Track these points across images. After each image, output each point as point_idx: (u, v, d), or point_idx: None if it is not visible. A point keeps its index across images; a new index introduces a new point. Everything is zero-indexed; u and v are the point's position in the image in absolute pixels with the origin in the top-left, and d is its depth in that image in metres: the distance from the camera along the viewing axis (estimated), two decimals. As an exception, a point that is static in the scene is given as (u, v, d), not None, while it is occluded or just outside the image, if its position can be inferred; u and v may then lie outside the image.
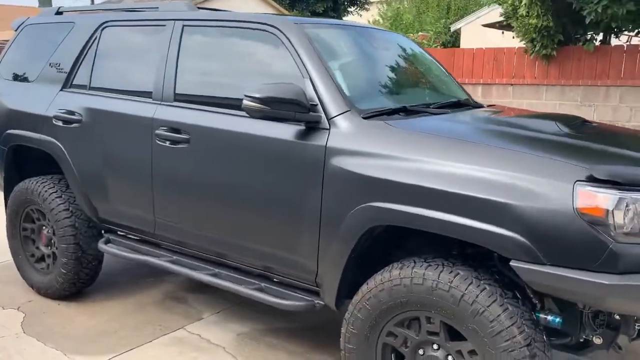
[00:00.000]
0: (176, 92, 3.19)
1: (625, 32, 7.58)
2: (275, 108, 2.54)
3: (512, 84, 7.84)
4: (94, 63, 3.67)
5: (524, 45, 7.77)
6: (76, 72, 3.75)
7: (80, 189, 3.65)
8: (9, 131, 3.99)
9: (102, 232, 3.83)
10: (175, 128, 3.10)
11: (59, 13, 4.17)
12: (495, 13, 14.44)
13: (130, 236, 3.74)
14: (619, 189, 1.99)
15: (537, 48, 7.35)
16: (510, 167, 2.15)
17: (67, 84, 3.78)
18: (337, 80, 2.72)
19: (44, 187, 3.82)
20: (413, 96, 3.25)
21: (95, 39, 3.70)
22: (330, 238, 2.57)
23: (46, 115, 3.76)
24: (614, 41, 8.10)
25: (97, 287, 4.10)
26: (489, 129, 2.74)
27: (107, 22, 3.68)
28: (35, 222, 4.04)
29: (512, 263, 2.08)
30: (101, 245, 3.67)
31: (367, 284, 2.47)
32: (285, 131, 2.70)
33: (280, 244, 2.80)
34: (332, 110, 2.62)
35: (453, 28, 19.35)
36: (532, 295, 2.35)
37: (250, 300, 3.35)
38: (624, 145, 2.54)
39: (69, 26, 3.93)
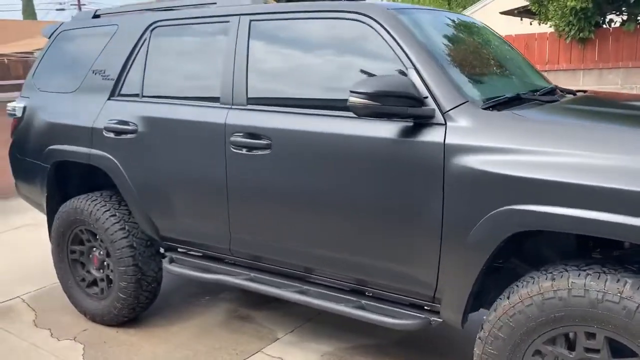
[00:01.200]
0: (249, 94, 2.88)
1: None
2: (385, 104, 2.24)
3: (546, 70, 7.57)
4: (145, 68, 3.36)
5: (554, 30, 7.51)
6: (125, 78, 3.44)
7: (138, 205, 3.34)
8: (51, 147, 3.67)
9: (162, 250, 3.53)
10: (253, 133, 2.79)
11: (96, 16, 3.86)
12: (501, 0, 14.19)
13: (193, 253, 3.44)
14: None
15: (573, 32, 7.07)
16: (686, 156, 1.86)
17: (116, 92, 3.46)
18: (445, 69, 2.42)
19: (95, 205, 3.51)
20: (512, 84, 2.95)
21: (145, 41, 3.39)
22: (456, 247, 2.27)
23: (94, 127, 3.44)
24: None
25: (153, 311, 3.79)
26: (630, 115, 2.44)
27: (156, 22, 3.37)
28: (84, 244, 3.73)
29: None
30: (167, 266, 3.36)
31: (508, 297, 2.17)
32: (390, 130, 2.40)
33: (387, 256, 2.50)
34: (447, 103, 2.32)
35: (457, 18, 19.06)
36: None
37: (325, 315, 3.07)
38: None
39: (112, 29, 3.62)
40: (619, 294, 1.92)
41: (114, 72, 3.48)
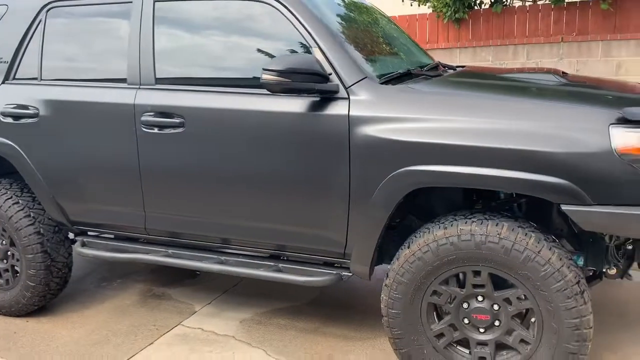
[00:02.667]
0: (157, 74, 2.95)
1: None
2: (295, 80, 2.45)
3: (427, 49, 8.12)
4: (42, 50, 3.27)
5: (434, 11, 8.07)
6: (20, 61, 3.33)
7: (44, 191, 3.29)
8: (-61, 135, 3.46)
9: (71, 236, 3.50)
10: (165, 112, 2.87)
11: (-20, -4, 3.65)
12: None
13: (105, 236, 3.46)
14: (649, 128, 2.16)
15: (449, 13, 7.67)
16: (545, 118, 2.26)
17: (10, 75, 3.35)
18: (346, 48, 2.66)
19: (-5, 194, 3.39)
20: (402, 61, 3.27)
21: (40, 22, 3.30)
22: (362, 208, 2.55)
23: (-11, 113, 3.31)
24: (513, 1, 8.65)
25: (64, 298, 3.74)
26: (500, 85, 2.84)
27: (52, 2, 3.28)
28: (-17, 236, 3.58)
29: (564, 207, 2.20)
30: (79, 249, 3.34)
31: (408, 247, 2.49)
32: (299, 104, 2.61)
33: (301, 221, 2.73)
34: (349, 78, 2.57)
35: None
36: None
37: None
38: (615, 89, 2.76)
39: (0, 10, 3.46)
40: (498, 236, 2.30)
41: (7, 55, 3.36)
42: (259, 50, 2.80)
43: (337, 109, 2.54)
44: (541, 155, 2.19)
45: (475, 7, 7.93)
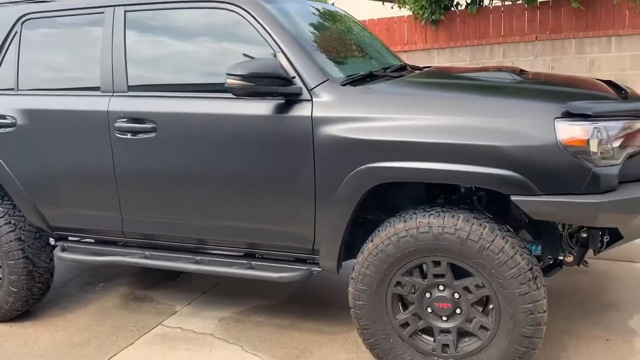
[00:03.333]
0: (129, 82, 3.05)
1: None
2: (259, 84, 2.56)
3: (405, 51, 8.29)
4: (18, 61, 3.36)
5: (412, 14, 8.24)
6: (-4, 72, 3.42)
7: (24, 198, 3.37)
8: None
9: (52, 241, 3.58)
10: (137, 118, 2.97)
11: (-44, 9, 3.74)
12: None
13: (85, 240, 3.54)
14: (591, 121, 2.29)
15: (426, 14, 7.82)
16: (495, 114, 2.39)
17: (-13, 86, 3.43)
18: (309, 52, 2.78)
19: (-25, 202, 3.48)
20: (368, 64, 3.39)
21: (16, 33, 3.39)
22: (327, 204, 2.66)
23: (-32, 123, 3.39)
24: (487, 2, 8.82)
25: (47, 303, 3.83)
26: (456, 84, 2.97)
27: (27, 14, 3.38)
28: (-35, 244, 3.66)
29: (513, 198, 2.32)
30: (59, 254, 3.43)
31: (372, 240, 2.60)
32: (265, 107, 2.72)
33: (271, 219, 2.84)
34: (311, 81, 2.68)
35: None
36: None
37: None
38: (570, 86, 2.90)
39: (-24, 22, 3.55)
40: (454, 227, 2.42)
41: (-17, 67, 3.44)
42: (226, 56, 2.90)
43: (300, 110, 2.66)
44: (491, 149, 2.32)
45: (452, 9, 8.10)
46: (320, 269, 2.87)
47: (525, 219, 2.71)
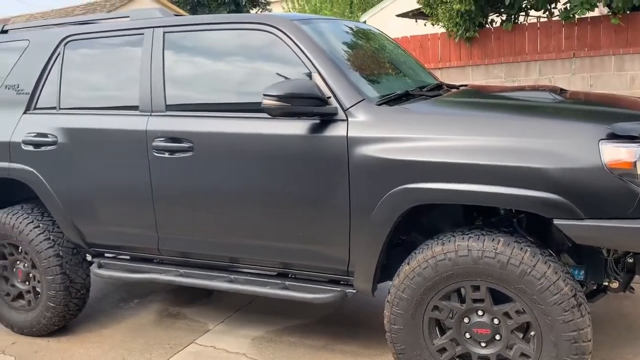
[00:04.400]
0: (167, 101, 3.09)
1: (533, 11, 8.20)
2: (294, 104, 2.56)
3: (439, 68, 8.24)
4: (61, 81, 3.45)
5: (446, 31, 8.19)
6: (40, 92, 3.52)
7: (63, 215, 3.44)
8: (-35, 163, 3.66)
9: (89, 257, 3.63)
10: (175, 137, 3.01)
11: (4, 32, 3.88)
12: (399, 3, 15.03)
13: (121, 257, 3.59)
14: (638, 143, 2.21)
15: (460, 32, 7.77)
16: (537, 135, 2.32)
17: (32, 105, 3.53)
18: (345, 72, 2.77)
19: (17, 218, 3.56)
20: (404, 83, 3.36)
21: (59, 54, 3.49)
22: (362, 225, 2.63)
23: (12, 141, 3.49)
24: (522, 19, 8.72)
25: (83, 318, 3.87)
26: (495, 104, 2.91)
27: (70, 36, 3.48)
28: (7, 258, 3.75)
29: (556, 222, 2.25)
30: (96, 271, 3.48)
31: (408, 264, 2.55)
32: (300, 127, 2.71)
33: (305, 239, 2.82)
34: (347, 101, 2.67)
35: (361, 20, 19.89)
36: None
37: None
38: (612, 105, 2.81)
39: (23, 44, 3.67)
40: (494, 251, 2.35)
41: (29, 87, 3.54)
42: (261, 76, 2.92)
43: (336, 130, 2.64)
44: (533, 171, 2.25)
45: (486, 26, 8.02)
46: (354, 291, 2.83)
47: (568, 243, 2.63)
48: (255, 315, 3.80)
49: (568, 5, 7.11)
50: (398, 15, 11.55)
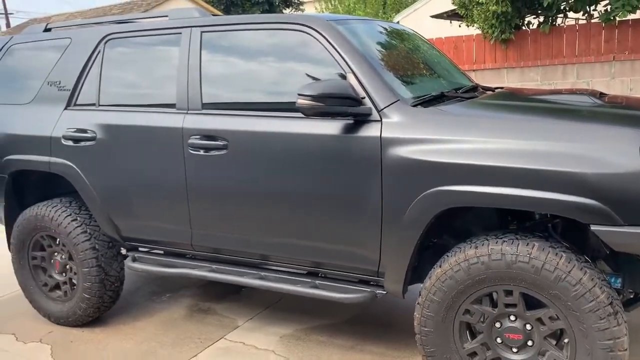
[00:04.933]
0: (203, 100, 3.14)
1: (572, 13, 8.04)
2: (328, 104, 2.57)
3: (474, 70, 8.15)
4: (100, 78, 3.54)
5: (481, 32, 8.09)
6: (80, 89, 3.61)
7: (100, 208, 3.53)
8: (8, 157, 3.79)
9: (123, 251, 3.72)
10: (210, 135, 3.05)
11: (47, 30, 4.00)
12: (433, 3, 14.91)
13: (155, 251, 3.66)
14: (679, 148, 2.14)
15: (495, 33, 7.67)
16: (575, 139, 2.28)
17: (72, 102, 3.63)
18: (379, 73, 2.77)
19: (56, 211, 3.66)
20: (439, 84, 3.34)
21: (99, 52, 3.58)
22: (394, 226, 2.62)
23: (53, 136, 3.60)
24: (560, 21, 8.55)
25: (117, 310, 3.97)
26: (532, 107, 2.87)
27: (110, 34, 3.56)
28: (45, 250, 3.86)
29: (593, 227, 2.21)
30: (130, 264, 3.55)
31: (440, 266, 2.54)
32: (334, 127, 2.72)
33: (336, 239, 2.82)
34: (381, 102, 2.67)
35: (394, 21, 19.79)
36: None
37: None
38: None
39: (65, 42, 3.78)
40: (528, 255, 2.32)
41: (70, 83, 3.65)
42: (296, 76, 2.94)
43: (369, 131, 2.64)
44: (570, 175, 2.21)
45: (523, 27, 7.89)
46: (384, 292, 2.83)
47: (605, 250, 2.57)
48: (284, 313, 3.82)
49: (608, 7, 6.94)
50: (432, 17, 11.48)
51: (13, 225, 3.89)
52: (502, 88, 3.73)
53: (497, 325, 2.50)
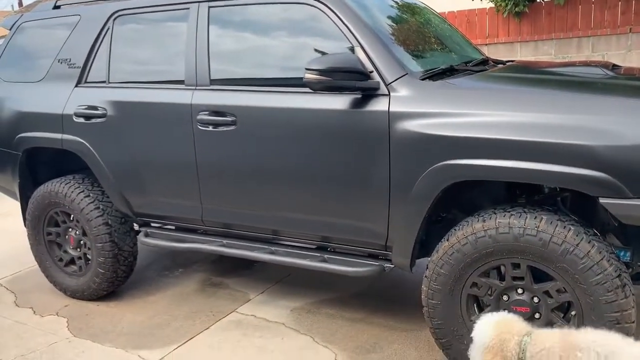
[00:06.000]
0: (212, 76, 3.14)
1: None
2: (336, 78, 2.56)
3: (486, 44, 8.03)
4: (110, 55, 3.56)
5: (494, 5, 7.96)
6: (90, 66, 3.63)
7: (112, 185, 3.57)
8: (22, 135, 3.83)
9: (136, 227, 3.77)
10: (218, 111, 3.06)
11: (56, 7, 4.00)
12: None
13: (167, 227, 3.70)
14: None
15: (509, 6, 7.53)
16: (585, 111, 2.26)
17: (82, 79, 3.65)
18: (388, 46, 2.75)
19: (69, 187, 3.71)
20: (448, 57, 3.31)
21: (108, 29, 3.58)
22: (402, 200, 2.63)
23: (64, 114, 3.63)
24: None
25: (130, 285, 4.04)
26: (542, 79, 2.84)
27: (118, 11, 3.56)
28: (60, 226, 3.93)
29: (602, 200, 2.20)
30: (143, 239, 3.61)
31: (447, 239, 2.55)
32: (342, 102, 2.72)
33: (344, 213, 2.84)
34: (389, 75, 2.65)
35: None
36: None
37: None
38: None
39: (74, 19, 3.78)
40: (536, 228, 2.32)
41: (80, 61, 3.66)
42: (304, 50, 2.93)
43: (377, 105, 2.63)
44: (579, 148, 2.20)
45: (537, 0, 7.74)
46: (392, 266, 2.85)
47: (614, 223, 2.56)
48: (294, 288, 3.87)
49: (625, -23, 6.79)
50: (445, -10, 11.27)
51: (28, 201, 3.95)
52: (513, 61, 3.68)
53: (505, 298, 2.51)
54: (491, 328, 2.07)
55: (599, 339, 1.90)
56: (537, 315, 2.46)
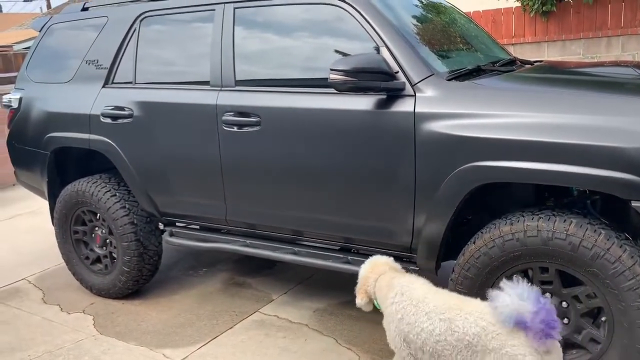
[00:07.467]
0: (237, 77, 3.15)
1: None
2: (361, 79, 2.54)
3: (513, 44, 7.92)
4: (136, 56, 3.60)
5: (521, 5, 7.84)
6: (117, 67, 3.68)
7: (138, 184, 3.61)
8: (50, 134, 3.90)
9: (161, 226, 3.80)
10: (243, 112, 3.07)
11: (85, 9, 4.06)
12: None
13: (191, 226, 3.73)
14: None
15: (536, 5, 7.41)
16: (616, 113, 2.20)
17: (110, 80, 3.70)
18: (413, 46, 2.72)
19: (96, 187, 3.76)
20: (475, 57, 3.26)
21: (135, 30, 3.62)
22: (427, 202, 2.60)
23: (92, 114, 3.68)
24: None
25: (155, 284, 4.08)
26: (572, 80, 2.78)
27: (145, 12, 3.60)
28: (86, 224, 3.99)
29: (634, 204, 2.14)
30: (168, 239, 3.64)
31: (474, 242, 2.51)
32: (367, 102, 2.70)
33: (369, 215, 2.82)
34: (415, 76, 2.63)
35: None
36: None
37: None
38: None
39: (102, 21, 3.84)
40: (565, 232, 2.27)
41: (107, 62, 3.71)
42: (329, 51, 2.92)
43: (403, 106, 2.61)
44: (610, 150, 2.15)
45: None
46: (417, 268, 2.82)
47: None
48: (317, 289, 3.86)
49: (657, -25, 6.63)
50: (470, -11, 11.15)
51: (56, 200, 4.02)
52: (541, 61, 3.62)
53: (532, 302, 2.46)
54: (363, 269, 2.52)
55: (406, 282, 2.33)
56: (565, 321, 2.41)
